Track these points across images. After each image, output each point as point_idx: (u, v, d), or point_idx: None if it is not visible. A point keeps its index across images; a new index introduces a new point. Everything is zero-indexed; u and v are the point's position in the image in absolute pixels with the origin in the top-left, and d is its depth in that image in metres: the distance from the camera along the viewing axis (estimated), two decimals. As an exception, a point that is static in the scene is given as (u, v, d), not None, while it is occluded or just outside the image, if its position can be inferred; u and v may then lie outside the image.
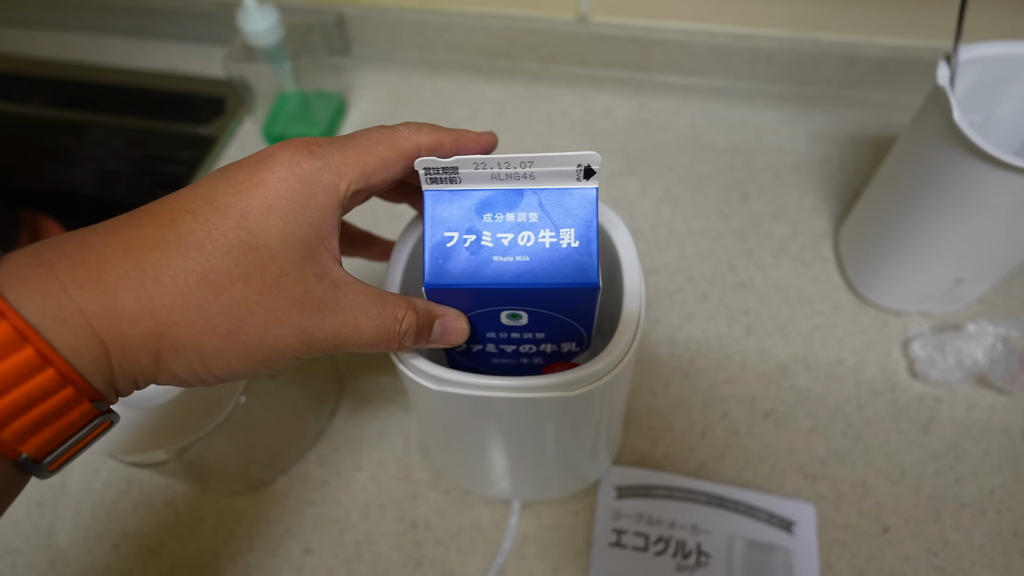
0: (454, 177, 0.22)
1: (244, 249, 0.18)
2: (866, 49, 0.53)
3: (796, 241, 0.48)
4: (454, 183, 0.22)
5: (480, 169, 0.22)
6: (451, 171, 0.22)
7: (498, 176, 0.22)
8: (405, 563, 0.37)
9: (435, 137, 0.22)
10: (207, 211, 0.18)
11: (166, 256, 0.17)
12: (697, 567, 0.35)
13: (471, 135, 0.23)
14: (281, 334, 0.19)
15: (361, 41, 0.63)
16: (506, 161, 0.21)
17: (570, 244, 0.22)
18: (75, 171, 0.55)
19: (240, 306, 0.18)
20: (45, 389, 0.16)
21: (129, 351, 0.17)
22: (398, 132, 0.22)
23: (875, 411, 0.40)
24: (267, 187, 0.19)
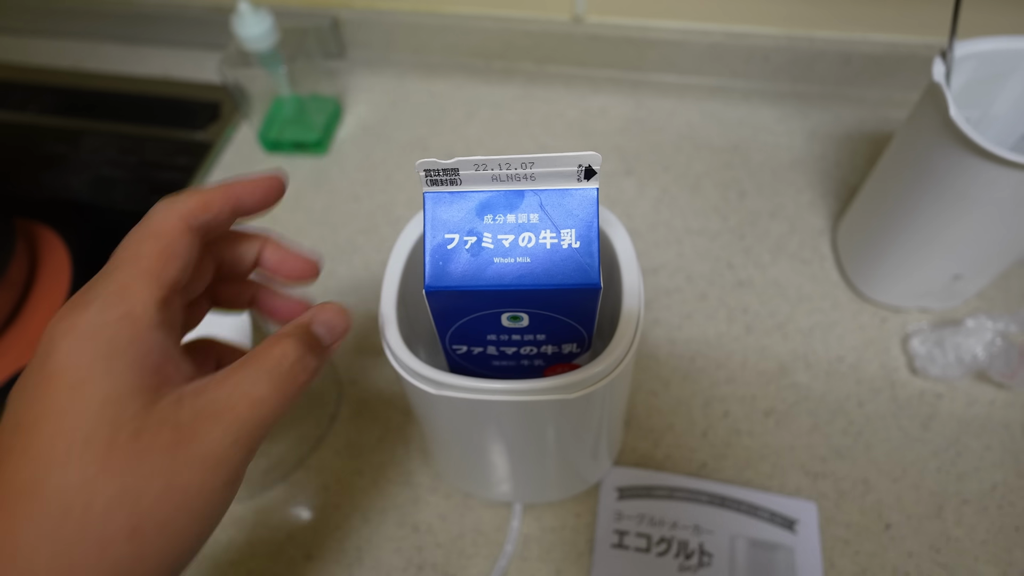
0: (454, 179, 0.22)
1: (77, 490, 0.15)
2: (861, 46, 0.54)
3: (794, 239, 0.48)
4: (455, 185, 0.22)
5: (481, 170, 0.21)
6: (451, 172, 0.22)
7: (499, 177, 0.22)
8: (407, 567, 0.36)
9: (199, 199, 0.20)
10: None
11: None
12: (700, 567, 0.35)
13: (244, 182, 0.21)
14: (188, 485, 0.16)
15: (356, 44, 0.62)
16: (507, 162, 0.21)
17: (571, 245, 0.22)
18: (71, 179, 0.55)
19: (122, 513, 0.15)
20: None
21: None
22: (150, 219, 0.20)
23: (875, 408, 0.40)
24: (59, 377, 0.16)
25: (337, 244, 0.50)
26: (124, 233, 0.41)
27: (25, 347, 0.45)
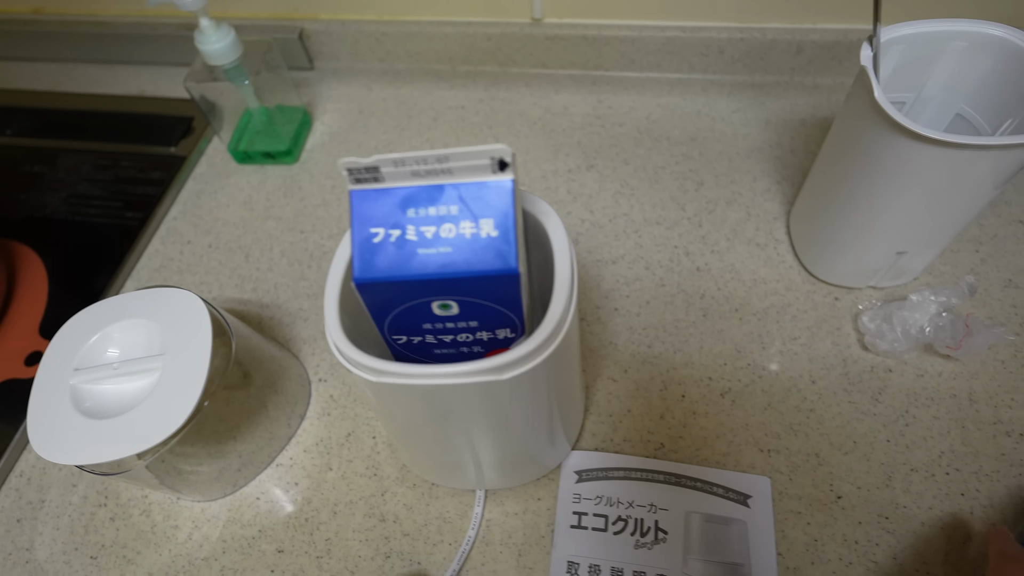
0: (377, 176, 0.23)
1: None
2: (812, 34, 0.55)
3: (750, 225, 0.50)
4: (378, 182, 0.23)
5: (400, 167, 0.23)
6: (373, 170, 0.23)
7: (418, 173, 0.23)
8: (374, 556, 0.38)
9: None
10: None
11: None
12: (655, 543, 0.36)
13: None
14: None
15: (323, 55, 0.64)
16: (423, 158, 0.23)
17: (489, 234, 0.23)
18: (48, 197, 0.56)
19: None
20: None
21: None
22: None
23: (827, 384, 0.41)
24: None
25: (307, 249, 0.52)
26: (99, 247, 0.43)
27: (6, 355, 0.46)
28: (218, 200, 0.56)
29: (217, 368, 0.35)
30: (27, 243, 0.53)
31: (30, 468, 0.43)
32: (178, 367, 0.33)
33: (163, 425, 0.32)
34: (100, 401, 0.33)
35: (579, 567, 0.36)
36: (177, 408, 0.32)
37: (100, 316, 0.36)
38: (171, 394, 0.33)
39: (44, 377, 0.34)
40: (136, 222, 0.54)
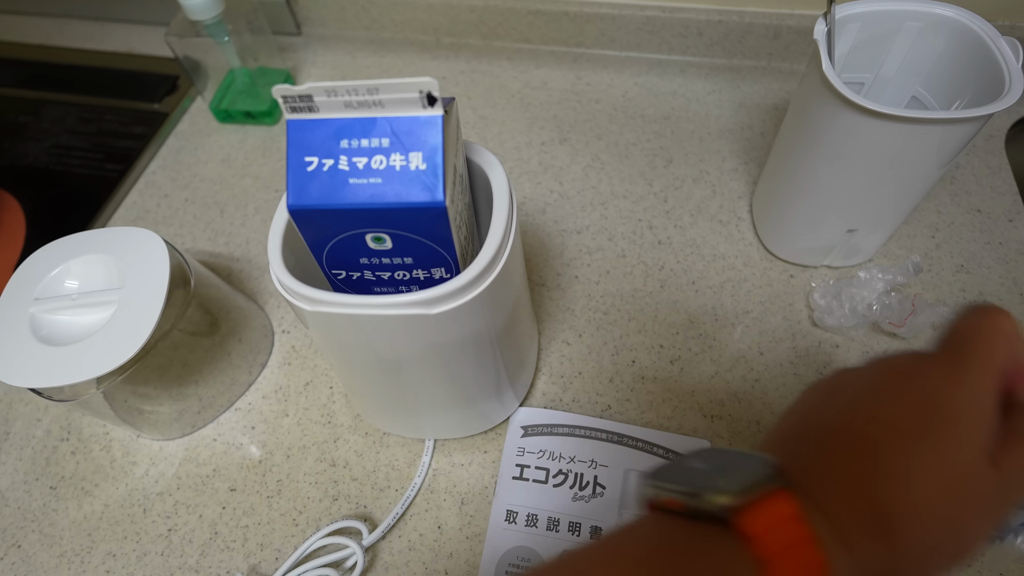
0: (311, 106, 0.24)
1: None
2: (789, 20, 0.55)
3: (715, 202, 0.50)
4: (313, 111, 0.24)
5: (332, 97, 0.24)
6: (307, 99, 0.24)
7: (351, 104, 0.24)
8: (323, 499, 0.39)
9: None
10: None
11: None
12: (593, 497, 0.37)
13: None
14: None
15: (311, 21, 0.65)
16: (354, 88, 0.23)
17: (418, 167, 0.24)
18: (31, 146, 0.57)
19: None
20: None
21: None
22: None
23: (775, 357, 0.42)
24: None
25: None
26: (78, 196, 0.43)
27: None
28: (197, 157, 0.57)
29: (176, 308, 0.36)
30: (7, 189, 0.54)
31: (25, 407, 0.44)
32: (135, 301, 0.34)
33: (117, 353, 0.33)
34: (57, 330, 0.34)
35: (517, 515, 0.37)
36: (131, 338, 0.33)
37: (63, 250, 0.37)
38: (126, 326, 0.34)
39: (5, 305, 0.35)
40: (115, 174, 0.55)
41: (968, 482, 0.19)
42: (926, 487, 0.19)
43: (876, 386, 0.21)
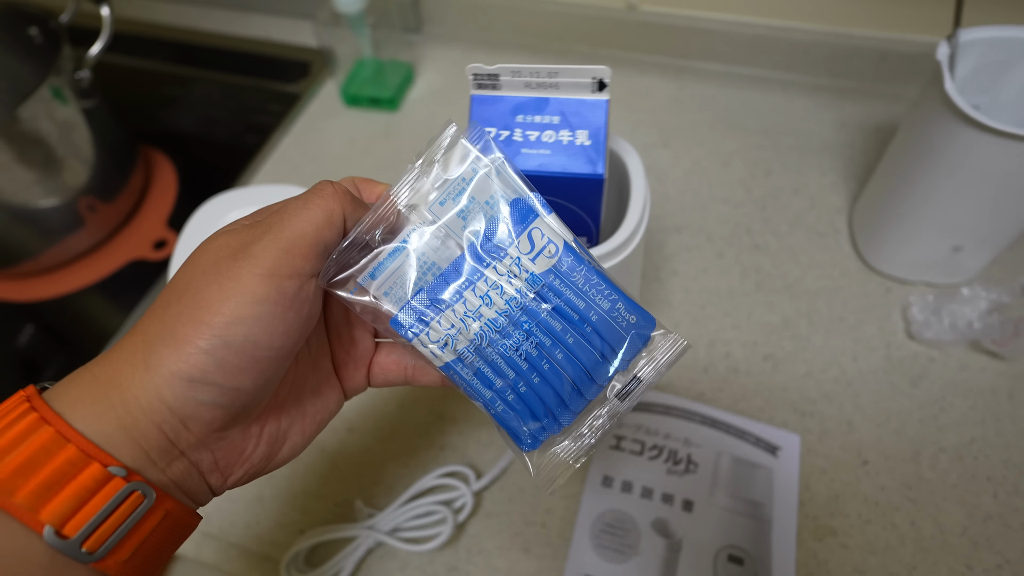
0: (496, 83, 0.28)
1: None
2: (898, 45, 0.57)
3: (812, 214, 0.52)
4: (495, 89, 0.28)
5: (516, 77, 0.27)
6: (493, 77, 0.28)
7: (530, 84, 0.28)
8: (430, 447, 0.42)
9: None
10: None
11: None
12: (685, 472, 0.39)
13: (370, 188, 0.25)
14: (252, 290, 0.20)
15: (432, 20, 0.70)
16: (536, 71, 0.27)
17: (583, 143, 0.28)
18: (183, 116, 0.64)
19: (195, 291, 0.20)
20: (47, 449, 0.18)
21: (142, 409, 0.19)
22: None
23: (868, 363, 0.44)
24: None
25: (398, 186, 0.57)
26: (221, 162, 0.47)
27: (139, 239, 0.54)
28: (325, 135, 0.62)
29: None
30: (163, 151, 0.60)
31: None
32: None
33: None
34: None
35: (613, 480, 0.39)
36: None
37: (233, 201, 0.42)
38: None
39: (184, 246, 0.40)
40: (253, 145, 0.61)
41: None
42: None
43: None
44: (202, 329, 0.19)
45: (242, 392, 0.20)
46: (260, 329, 0.20)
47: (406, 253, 0.22)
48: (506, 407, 0.23)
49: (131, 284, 0.51)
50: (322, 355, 0.26)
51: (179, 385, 0.19)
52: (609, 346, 0.23)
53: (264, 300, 0.20)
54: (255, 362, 0.20)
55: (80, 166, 0.49)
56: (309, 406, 0.25)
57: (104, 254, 0.53)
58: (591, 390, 0.23)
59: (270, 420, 0.23)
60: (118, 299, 0.50)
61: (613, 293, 0.23)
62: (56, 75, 0.45)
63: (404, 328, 0.22)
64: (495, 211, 0.22)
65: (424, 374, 0.26)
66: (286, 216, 0.21)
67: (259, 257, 0.20)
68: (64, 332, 0.50)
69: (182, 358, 0.19)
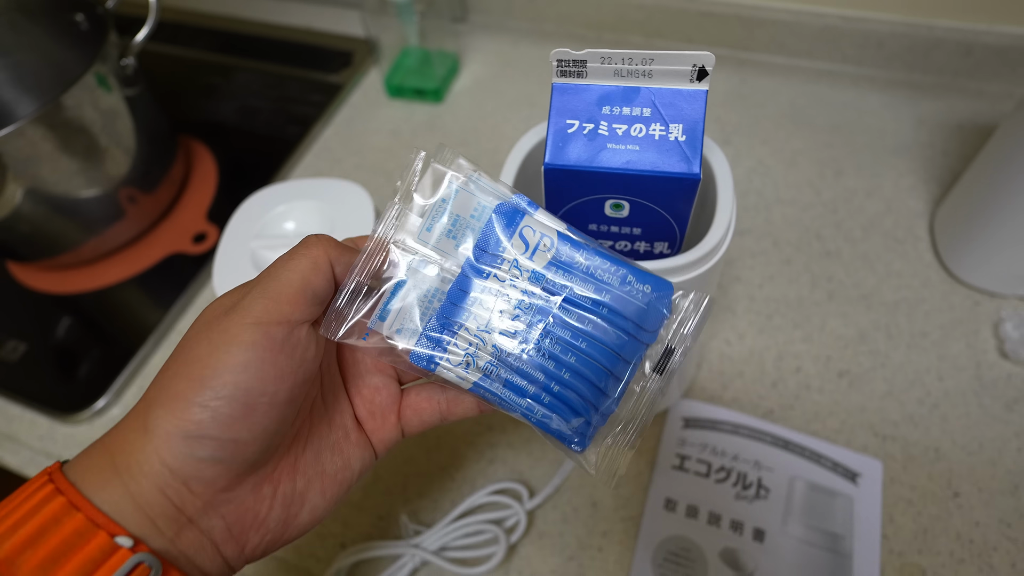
0: (581, 71, 0.25)
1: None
2: (985, 37, 0.52)
3: (889, 218, 0.48)
4: (581, 77, 0.25)
5: (606, 64, 0.25)
6: (580, 64, 0.25)
7: (620, 72, 0.25)
8: (479, 460, 0.40)
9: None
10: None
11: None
12: (756, 498, 0.36)
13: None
14: (231, 338, 0.20)
15: (477, 9, 0.67)
16: (629, 57, 0.24)
17: (677, 138, 0.25)
18: (223, 105, 0.63)
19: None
20: (57, 519, 0.18)
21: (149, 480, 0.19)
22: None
23: (956, 384, 0.40)
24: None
25: (443, 181, 0.55)
26: (261, 153, 0.45)
27: (179, 232, 0.52)
28: (368, 127, 0.60)
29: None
30: (204, 142, 0.59)
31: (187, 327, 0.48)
32: (341, 248, 0.37)
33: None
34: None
35: (677, 504, 0.36)
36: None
37: (278, 195, 0.40)
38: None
39: (230, 238, 0.38)
40: (294, 136, 0.59)
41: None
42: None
43: None
44: (193, 384, 0.19)
45: (240, 444, 0.20)
46: (250, 375, 0.19)
47: (407, 287, 0.22)
48: (545, 411, 0.22)
49: (170, 278, 0.50)
50: (338, 411, 0.24)
51: (177, 443, 0.19)
52: (631, 322, 0.22)
53: (252, 346, 0.20)
54: (250, 410, 0.20)
55: (122, 155, 0.47)
56: (329, 465, 0.23)
57: (144, 246, 0.52)
58: (625, 371, 0.22)
59: (284, 479, 0.22)
60: (158, 294, 0.49)
61: (620, 268, 0.22)
62: (101, 62, 0.43)
63: (424, 360, 0.22)
64: (482, 222, 0.22)
65: (458, 404, 0.25)
66: (273, 270, 0.21)
67: (247, 309, 0.20)
68: (104, 326, 0.49)
69: (176, 415, 0.19)
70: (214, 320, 0.20)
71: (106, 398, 0.44)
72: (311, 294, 0.21)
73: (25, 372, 0.46)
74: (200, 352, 0.20)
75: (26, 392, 0.45)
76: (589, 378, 0.22)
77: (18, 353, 0.47)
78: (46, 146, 0.42)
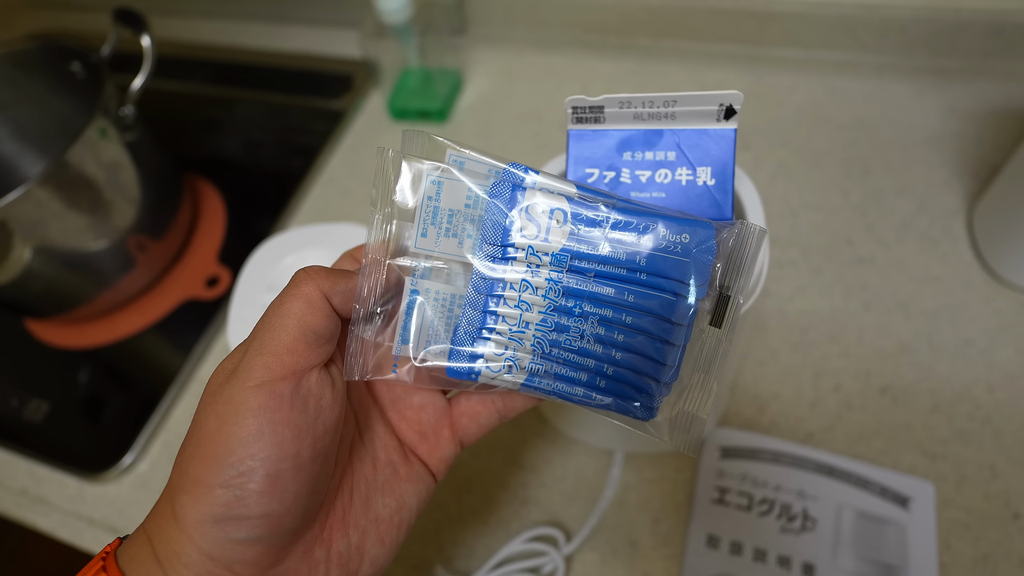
0: (599, 116, 0.24)
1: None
2: (1017, 15, 0.50)
3: (923, 218, 0.46)
4: (598, 122, 0.24)
5: (625, 108, 0.23)
6: (597, 110, 0.23)
7: (640, 116, 0.23)
8: (511, 501, 0.39)
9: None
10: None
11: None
12: (802, 531, 0.35)
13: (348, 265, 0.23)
14: (241, 402, 0.19)
15: (478, 21, 0.66)
16: (650, 100, 0.23)
17: (706, 182, 0.23)
18: (226, 140, 0.62)
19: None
20: None
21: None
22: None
23: (1009, 395, 0.38)
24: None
25: (454, 206, 0.54)
26: (269, 189, 0.44)
27: (191, 277, 0.52)
28: (373, 154, 0.59)
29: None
30: (209, 179, 0.58)
31: (208, 375, 0.48)
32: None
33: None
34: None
35: (720, 541, 0.35)
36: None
37: (287, 245, 0.39)
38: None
39: (242, 292, 0.37)
40: (300, 169, 0.58)
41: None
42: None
43: None
44: (209, 465, 0.18)
45: (275, 517, 0.18)
46: (266, 443, 0.18)
47: (420, 302, 0.21)
48: (602, 395, 0.21)
49: (187, 324, 0.49)
50: (381, 446, 0.23)
51: (208, 530, 0.18)
52: (675, 280, 0.20)
53: (260, 411, 0.18)
54: (275, 480, 0.18)
55: (128, 205, 0.47)
56: (382, 509, 0.22)
57: (157, 294, 0.51)
58: (679, 334, 0.21)
59: (335, 538, 0.21)
60: (175, 342, 0.48)
61: (649, 222, 0.20)
62: (101, 115, 0.42)
63: (463, 373, 0.21)
64: (480, 209, 0.20)
65: (514, 399, 0.23)
66: (266, 319, 0.20)
67: (247, 370, 0.19)
68: (125, 378, 0.48)
69: (201, 501, 0.18)
70: (218, 389, 0.19)
71: (133, 454, 0.44)
72: (312, 336, 0.20)
73: (50, 432, 0.46)
74: (210, 428, 0.19)
75: (52, 452, 0.45)
76: (643, 352, 0.21)
77: (42, 413, 0.47)
78: (52, 206, 0.42)
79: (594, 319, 0.20)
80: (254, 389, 0.19)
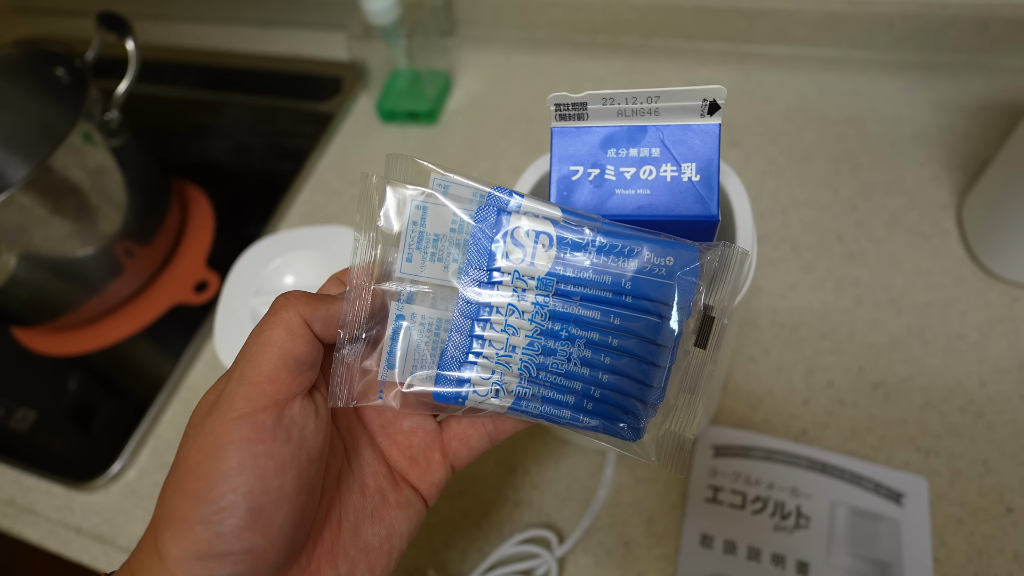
0: (582, 113, 0.23)
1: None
2: (1003, 10, 0.50)
3: (913, 213, 0.46)
4: (582, 120, 0.24)
5: (608, 104, 0.23)
6: (580, 107, 0.23)
7: (624, 112, 0.23)
8: (503, 503, 0.39)
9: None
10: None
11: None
12: (796, 528, 0.35)
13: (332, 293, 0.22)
14: (222, 434, 0.18)
15: (466, 22, 0.65)
16: (633, 96, 0.22)
17: (691, 178, 0.23)
18: (214, 144, 0.62)
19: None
20: None
21: None
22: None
23: (1000, 389, 0.38)
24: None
25: (444, 207, 0.53)
26: (257, 192, 0.43)
27: (179, 282, 0.51)
28: (363, 155, 0.59)
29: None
30: (197, 184, 0.58)
31: (197, 382, 0.47)
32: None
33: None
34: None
35: (714, 540, 0.35)
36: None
37: (275, 246, 0.39)
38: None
39: (229, 296, 0.37)
40: (289, 172, 0.57)
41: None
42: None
43: None
44: (191, 500, 0.18)
45: (258, 552, 0.18)
46: (248, 476, 0.18)
47: (406, 327, 0.21)
48: (590, 417, 0.21)
49: (175, 331, 0.49)
50: (370, 473, 0.22)
51: (191, 567, 0.18)
52: (660, 303, 0.20)
53: (242, 443, 0.18)
54: (257, 514, 0.18)
55: (114, 211, 0.46)
56: (372, 538, 0.21)
57: (146, 300, 0.51)
58: (665, 356, 0.21)
59: (324, 569, 0.20)
60: (164, 348, 0.48)
61: (634, 245, 0.20)
62: (85, 119, 0.42)
63: (450, 397, 0.21)
64: (465, 233, 0.20)
65: (504, 422, 0.23)
66: (247, 348, 0.20)
67: (229, 401, 0.19)
68: (113, 385, 0.48)
69: (182, 537, 0.18)
70: (200, 422, 0.19)
71: (121, 461, 0.44)
72: (293, 364, 0.19)
73: (37, 441, 0.46)
74: (192, 462, 0.18)
75: (39, 462, 0.44)
76: (630, 374, 0.21)
77: (28, 422, 0.46)
78: (36, 212, 0.41)
79: (581, 342, 0.20)
80: (235, 421, 0.18)
